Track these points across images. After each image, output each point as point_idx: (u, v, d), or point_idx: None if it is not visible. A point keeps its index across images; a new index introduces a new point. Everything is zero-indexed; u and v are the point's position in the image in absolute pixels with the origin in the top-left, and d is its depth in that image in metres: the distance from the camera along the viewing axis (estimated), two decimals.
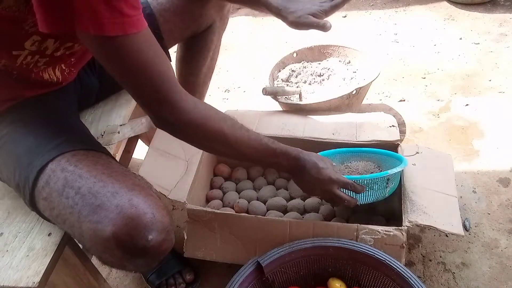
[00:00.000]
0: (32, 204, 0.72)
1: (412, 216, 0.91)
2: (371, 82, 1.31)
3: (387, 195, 0.95)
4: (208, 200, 1.20)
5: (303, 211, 1.13)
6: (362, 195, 0.91)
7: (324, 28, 0.92)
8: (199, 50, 1.13)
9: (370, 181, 0.91)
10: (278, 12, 0.94)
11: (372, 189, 0.92)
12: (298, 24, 0.94)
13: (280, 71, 1.50)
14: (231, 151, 0.78)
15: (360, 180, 0.90)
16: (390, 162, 1.03)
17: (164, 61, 0.65)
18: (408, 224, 0.89)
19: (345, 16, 2.15)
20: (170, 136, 1.09)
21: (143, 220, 0.60)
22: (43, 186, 0.68)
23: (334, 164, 0.94)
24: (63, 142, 0.72)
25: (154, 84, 0.64)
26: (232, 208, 1.15)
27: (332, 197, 0.88)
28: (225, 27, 1.16)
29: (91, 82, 0.97)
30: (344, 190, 0.89)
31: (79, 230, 0.64)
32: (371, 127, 1.15)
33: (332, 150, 1.08)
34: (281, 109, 1.37)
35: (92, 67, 0.96)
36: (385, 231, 0.89)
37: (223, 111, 1.28)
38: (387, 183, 0.93)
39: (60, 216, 0.66)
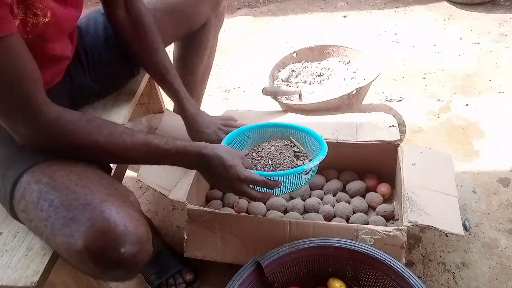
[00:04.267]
0: (14, 216, 0.72)
1: (412, 216, 0.91)
2: (371, 82, 1.30)
3: (302, 186, 0.93)
4: (208, 200, 1.20)
5: (303, 211, 1.13)
6: (277, 189, 0.88)
7: None
8: (195, 49, 1.12)
9: (284, 177, 0.88)
10: (189, 122, 1.00)
11: (287, 183, 0.89)
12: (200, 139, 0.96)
13: (280, 71, 1.50)
14: (115, 159, 0.75)
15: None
16: (309, 141, 1.01)
17: (22, 72, 0.61)
18: (408, 224, 0.89)
19: (345, 16, 2.15)
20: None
21: (114, 233, 0.59)
22: (20, 198, 0.68)
23: (245, 154, 0.89)
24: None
25: (7, 93, 0.59)
26: (232, 208, 1.15)
27: (242, 194, 0.85)
28: (221, 25, 1.15)
29: (83, 81, 0.95)
30: (255, 186, 0.85)
31: (54, 243, 0.64)
32: (371, 127, 1.15)
33: (241, 128, 1.04)
34: (281, 109, 1.36)
35: (85, 66, 0.95)
36: (385, 231, 0.89)
37: (223, 111, 1.30)
38: (305, 174, 0.91)
39: (37, 228, 0.66)
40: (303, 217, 1.09)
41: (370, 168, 1.19)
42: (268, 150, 1.01)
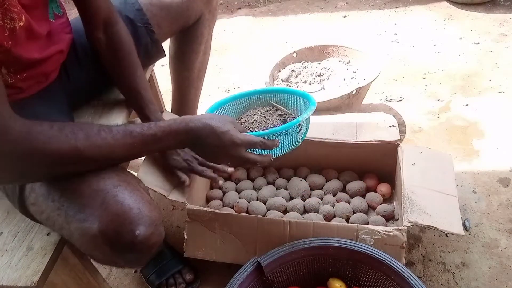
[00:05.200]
0: (23, 211, 0.72)
1: (412, 216, 0.91)
2: (371, 82, 1.31)
3: (300, 142, 0.89)
4: (208, 200, 1.20)
5: (303, 211, 1.13)
6: (275, 149, 0.82)
7: (183, 184, 0.99)
8: (191, 44, 1.13)
9: (281, 133, 0.82)
10: None
11: (285, 141, 0.84)
12: (165, 168, 1.01)
13: (280, 71, 1.50)
14: (99, 163, 0.66)
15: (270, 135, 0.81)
16: (292, 100, 0.99)
17: None
18: (408, 224, 0.89)
19: (345, 16, 2.15)
20: None
21: (129, 215, 0.60)
22: (30, 192, 0.68)
23: (235, 120, 0.83)
24: None
25: None
26: (232, 208, 1.15)
27: (242, 161, 0.78)
28: (215, 21, 1.16)
29: (81, 78, 0.95)
30: (253, 149, 0.80)
31: (68, 231, 0.64)
32: (371, 127, 1.15)
33: (220, 101, 1.00)
34: None
35: (83, 61, 0.94)
36: (385, 231, 0.89)
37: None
38: (299, 129, 0.86)
39: (49, 219, 0.66)
40: (303, 217, 1.09)
41: (370, 168, 1.19)
42: (251, 119, 0.97)
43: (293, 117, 0.95)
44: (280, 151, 0.85)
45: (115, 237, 0.59)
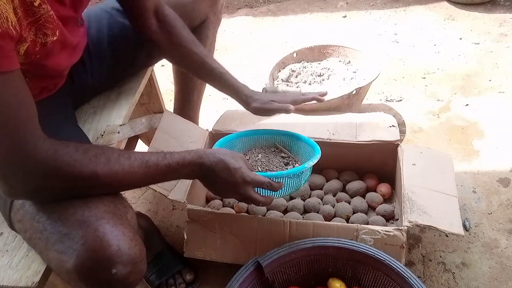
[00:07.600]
0: (11, 226, 0.71)
1: (412, 216, 0.91)
2: (371, 82, 1.31)
3: (301, 187, 0.94)
4: (208, 200, 1.20)
5: (303, 211, 1.13)
6: (278, 190, 0.86)
7: (287, 111, 0.95)
8: None
9: (287, 176, 0.87)
10: (244, 100, 0.99)
11: (288, 184, 0.88)
12: (261, 110, 0.97)
13: (280, 71, 1.50)
14: (112, 189, 0.67)
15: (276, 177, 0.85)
16: (296, 144, 1.04)
17: (22, 107, 0.58)
18: (408, 224, 0.89)
19: (345, 16, 2.15)
20: (170, 136, 1.09)
21: (107, 253, 0.58)
22: (18, 208, 0.67)
23: (246, 158, 0.86)
24: None
25: (3, 129, 0.57)
26: (232, 208, 1.15)
27: (247, 199, 0.82)
28: (219, 23, 1.16)
29: (85, 81, 0.96)
30: (258, 189, 0.83)
31: (47, 258, 0.63)
32: (371, 127, 1.15)
33: (227, 137, 1.04)
34: None
35: (88, 66, 0.95)
36: (385, 231, 0.89)
37: (223, 111, 1.30)
38: (303, 174, 0.91)
39: (31, 239, 0.65)
40: (303, 217, 1.09)
41: (370, 168, 1.19)
42: (255, 157, 1.01)
43: (295, 161, 1.00)
44: (282, 193, 0.89)
45: (90, 274, 0.58)
